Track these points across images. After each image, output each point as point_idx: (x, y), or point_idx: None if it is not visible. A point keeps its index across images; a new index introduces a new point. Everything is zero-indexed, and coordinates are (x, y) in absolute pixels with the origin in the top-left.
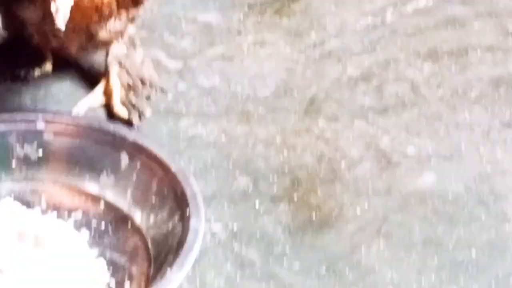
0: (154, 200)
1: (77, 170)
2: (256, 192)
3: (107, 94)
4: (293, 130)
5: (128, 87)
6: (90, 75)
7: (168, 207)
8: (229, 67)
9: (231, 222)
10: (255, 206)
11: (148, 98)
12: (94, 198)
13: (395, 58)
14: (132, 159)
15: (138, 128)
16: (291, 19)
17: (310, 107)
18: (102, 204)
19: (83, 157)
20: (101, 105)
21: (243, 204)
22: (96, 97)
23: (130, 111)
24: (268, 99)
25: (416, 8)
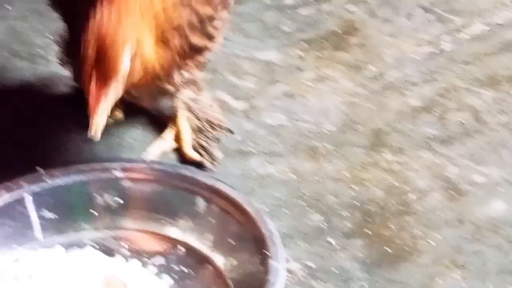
0: (234, 242)
1: (156, 215)
2: (330, 228)
3: (178, 139)
4: (360, 164)
5: (198, 130)
6: (160, 121)
7: (247, 249)
8: (292, 104)
9: (308, 260)
10: (329, 242)
11: (217, 140)
12: (174, 242)
13: (455, 86)
14: (208, 203)
15: (210, 171)
16: (350, 53)
17: (375, 140)
18: (183, 249)
19: (161, 202)
20: (172, 149)
21: (318, 241)
22: (167, 142)
23: (201, 154)
24: (333, 134)
25: (472, 34)
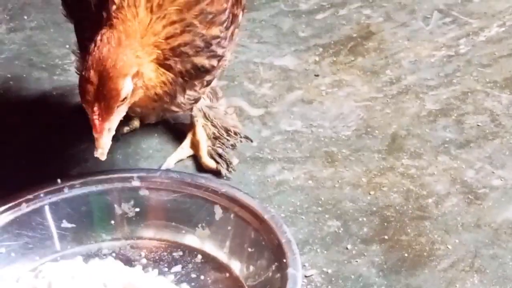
0: (251, 249)
1: (173, 224)
2: (347, 234)
3: (194, 146)
4: (377, 169)
5: (214, 138)
6: (177, 129)
7: (265, 256)
8: (309, 110)
9: (325, 266)
10: (347, 248)
11: (233, 147)
12: (192, 250)
13: (472, 89)
14: (225, 211)
15: (227, 178)
16: (366, 57)
17: (392, 145)
18: (200, 256)
19: (179, 211)
20: (189, 157)
21: (335, 247)
22: (184, 150)
23: (217, 162)
24: (350, 140)
25: (488, 36)
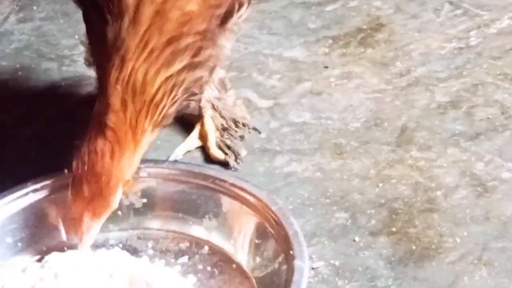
0: (258, 241)
1: (180, 215)
2: (355, 226)
3: (203, 137)
4: (386, 161)
5: (223, 129)
6: (185, 120)
7: (272, 247)
8: (318, 101)
9: (333, 258)
10: (355, 240)
11: (242, 138)
12: (198, 241)
13: (482, 81)
14: (233, 202)
15: (235, 169)
16: (376, 49)
17: (402, 137)
18: (207, 248)
19: (186, 202)
20: (197, 148)
21: (343, 239)
22: (192, 141)
23: (225, 153)
24: (359, 132)
25: (499, 28)
